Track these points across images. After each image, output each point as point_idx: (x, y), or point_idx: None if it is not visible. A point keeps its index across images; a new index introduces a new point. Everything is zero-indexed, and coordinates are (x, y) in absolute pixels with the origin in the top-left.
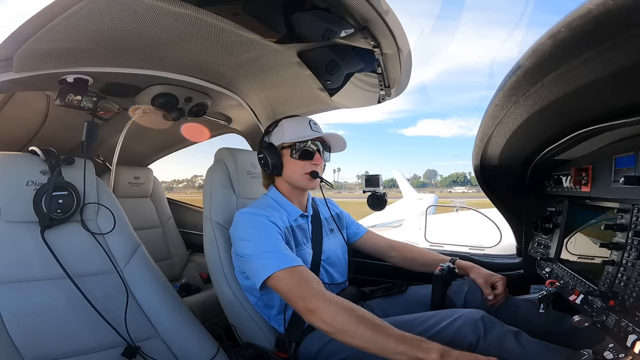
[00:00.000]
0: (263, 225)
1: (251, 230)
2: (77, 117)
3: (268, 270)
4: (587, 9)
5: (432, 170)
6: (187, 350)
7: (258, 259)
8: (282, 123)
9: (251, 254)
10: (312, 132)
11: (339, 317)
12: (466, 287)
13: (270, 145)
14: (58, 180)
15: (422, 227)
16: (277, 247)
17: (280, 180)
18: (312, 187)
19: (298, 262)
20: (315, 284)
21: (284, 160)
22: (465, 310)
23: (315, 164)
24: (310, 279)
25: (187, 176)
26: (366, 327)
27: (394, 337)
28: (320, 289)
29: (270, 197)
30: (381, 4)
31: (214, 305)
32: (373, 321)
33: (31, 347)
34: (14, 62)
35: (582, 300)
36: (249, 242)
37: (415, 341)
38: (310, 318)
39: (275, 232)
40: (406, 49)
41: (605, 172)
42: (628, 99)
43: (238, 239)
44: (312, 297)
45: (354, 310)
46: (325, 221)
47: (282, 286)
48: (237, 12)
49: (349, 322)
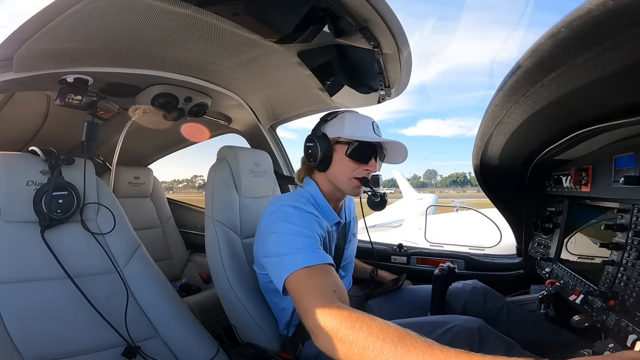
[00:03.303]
0: (304, 221)
1: (287, 225)
2: (77, 117)
3: (290, 268)
4: (587, 9)
5: (432, 170)
6: (187, 350)
7: (286, 257)
8: (344, 115)
9: (280, 252)
10: (375, 135)
11: (346, 334)
12: (466, 292)
13: (324, 135)
14: (58, 180)
15: (422, 227)
16: (310, 245)
17: (322, 177)
18: (356, 195)
19: (325, 260)
20: (328, 293)
21: (335, 156)
22: (463, 319)
23: (368, 169)
24: (326, 285)
25: (187, 176)
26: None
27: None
28: (330, 299)
29: (309, 194)
30: (381, 4)
31: (214, 305)
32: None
33: (31, 347)
34: (14, 62)
35: (582, 300)
36: (282, 237)
37: None
38: (316, 339)
39: (315, 233)
40: (406, 49)
41: (605, 172)
42: (628, 99)
43: (267, 231)
44: (315, 312)
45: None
46: (351, 223)
47: (293, 291)
48: (237, 12)
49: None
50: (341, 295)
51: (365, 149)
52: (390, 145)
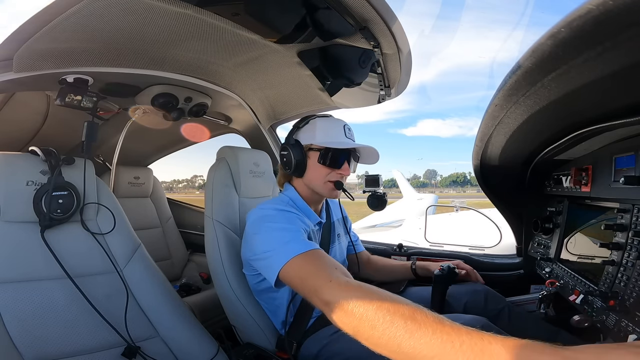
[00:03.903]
0: (287, 219)
1: (272, 224)
2: (77, 117)
3: (282, 260)
4: (587, 9)
5: (432, 170)
6: (187, 351)
7: (275, 252)
8: (315, 122)
9: (269, 249)
10: (346, 139)
11: (356, 308)
12: (467, 292)
13: (297, 143)
14: (58, 180)
15: (422, 227)
16: (296, 236)
17: (299, 182)
18: (333, 197)
19: (314, 246)
20: (330, 270)
21: (309, 162)
22: (466, 317)
23: (341, 173)
24: (325, 265)
25: (187, 176)
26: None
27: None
28: (335, 275)
29: (289, 198)
30: (381, 4)
31: (214, 305)
32: (410, 311)
33: (31, 347)
34: (14, 62)
35: (582, 300)
36: (268, 235)
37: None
38: (328, 313)
39: (300, 228)
40: (406, 49)
41: (605, 172)
42: (628, 99)
43: (253, 234)
44: (325, 287)
45: (378, 296)
46: (335, 224)
47: (294, 277)
48: (237, 12)
49: (371, 312)
50: (343, 271)
51: (337, 154)
52: (363, 149)
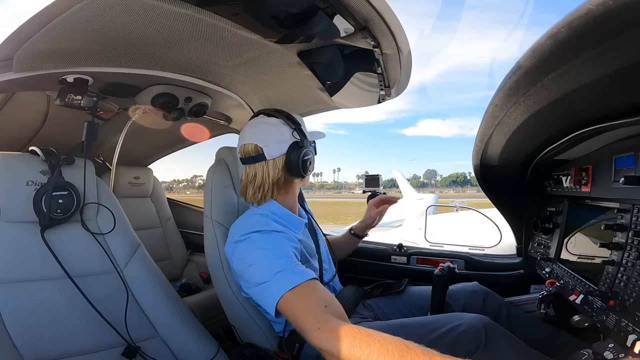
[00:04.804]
0: (274, 243)
1: (261, 251)
2: (77, 117)
3: (276, 295)
4: (587, 9)
5: (432, 170)
6: (187, 350)
7: (268, 285)
8: (270, 120)
9: (261, 281)
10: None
11: (346, 355)
12: (466, 293)
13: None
14: (58, 180)
15: (422, 227)
16: (288, 264)
17: (291, 187)
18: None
19: (307, 277)
20: (319, 312)
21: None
22: (469, 317)
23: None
24: (316, 304)
25: (187, 176)
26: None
27: None
28: (324, 318)
29: (269, 211)
30: (381, 4)
31: (214, 305)
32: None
33: (31, 347)
34: (14, 62)
35: (582, 300)
36: (258, 265)
37: None
38: (322, 354)
39: (289, 250)
40: (406, 49)
41: (605, 172)
42: (628, 99)
43: (245, 265)
44: (314, 335)
45: (367, 336)
46: (310, 218)
47: (287, 314)
48: (237, 12)
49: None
50: (334, 308)
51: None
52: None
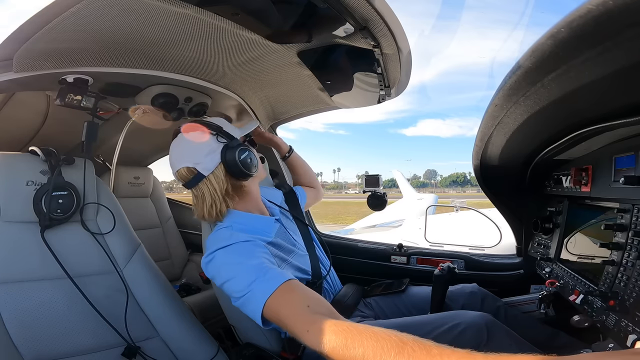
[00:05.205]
0: (241, 252)
1: (231, 266)
2: (77, 117)
3: (257, 306)
4: (587, 9)
5: (432, 170)
6: (187, 350)
7: (248, 297)
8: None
9: (241, 294)
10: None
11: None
12: (464, 294)
13: (235, 140)
14: (58, 180)
15: (422, 227)
16: (260, 270)
17: (245, 191)
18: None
19: (282, 279)
20: (303, 314)
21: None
22: (471, 314)
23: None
24: (299, 306)
25: None
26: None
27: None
28: (312, 319)
29: (234, 222)
30: (381, 4)
31: (214, 305)
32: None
33: (31, 347)
34: (14, 62)
35: (582, 300)
36: (233, 280)
37: None
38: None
39: (259, 253)
40: (406, 49)
41: (605, 172)
42: (628, 99)
43: (222, 282)
44: (304, 337)
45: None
46: (281, 210)
47: (275, 320)
48: (237, 12)
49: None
50: (318, 306)
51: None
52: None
